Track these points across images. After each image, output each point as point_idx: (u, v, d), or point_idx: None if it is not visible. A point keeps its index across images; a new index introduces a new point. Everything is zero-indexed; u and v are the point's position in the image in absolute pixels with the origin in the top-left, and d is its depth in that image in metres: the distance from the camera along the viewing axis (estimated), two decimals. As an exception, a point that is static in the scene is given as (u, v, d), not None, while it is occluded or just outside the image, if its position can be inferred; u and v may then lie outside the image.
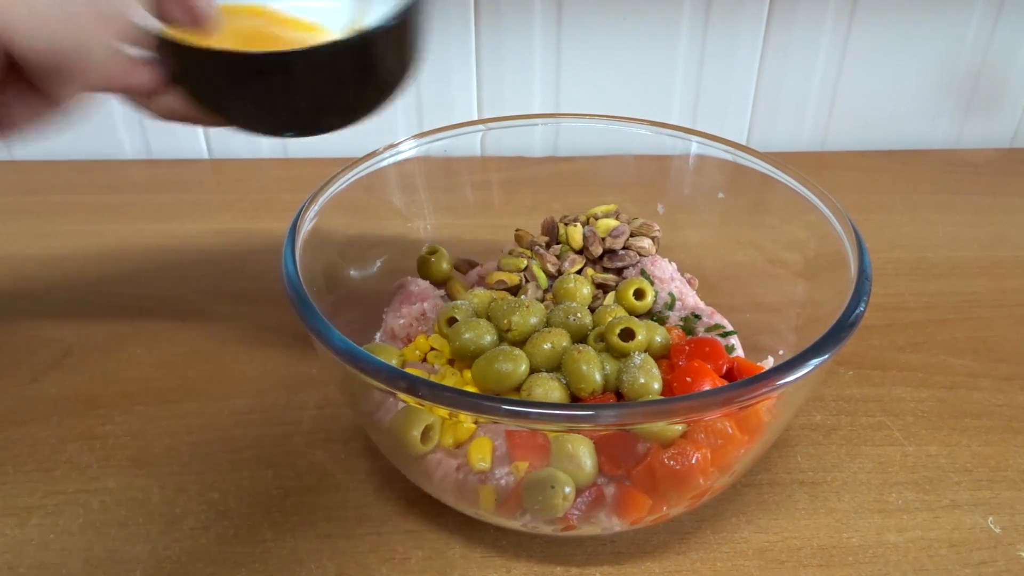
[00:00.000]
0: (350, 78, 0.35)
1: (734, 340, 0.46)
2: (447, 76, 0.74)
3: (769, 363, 0.45)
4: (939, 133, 0.82)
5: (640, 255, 0.49)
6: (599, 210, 0.52)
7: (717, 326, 0.46)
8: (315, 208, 0.44)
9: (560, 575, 0.39)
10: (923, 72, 0.78)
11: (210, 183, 0.75)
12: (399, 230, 0.53)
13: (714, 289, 0.51)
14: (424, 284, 0.48)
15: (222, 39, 0.34)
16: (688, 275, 0.51)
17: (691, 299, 0.48)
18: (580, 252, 0.50)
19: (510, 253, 0.51)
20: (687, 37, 0.74)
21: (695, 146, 0.51)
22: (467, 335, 0.41)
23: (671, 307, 0.47)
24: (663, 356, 0.42)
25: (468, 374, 0.40)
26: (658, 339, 0.42)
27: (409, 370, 0.40)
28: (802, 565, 0.40)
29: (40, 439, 0.46)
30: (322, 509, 0.42)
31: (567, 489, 0.35)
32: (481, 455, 0.37)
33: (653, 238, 0.50)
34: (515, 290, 0.48)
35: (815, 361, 0.33)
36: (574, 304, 0.43)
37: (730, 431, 0.36)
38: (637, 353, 0.39)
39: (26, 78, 0.31)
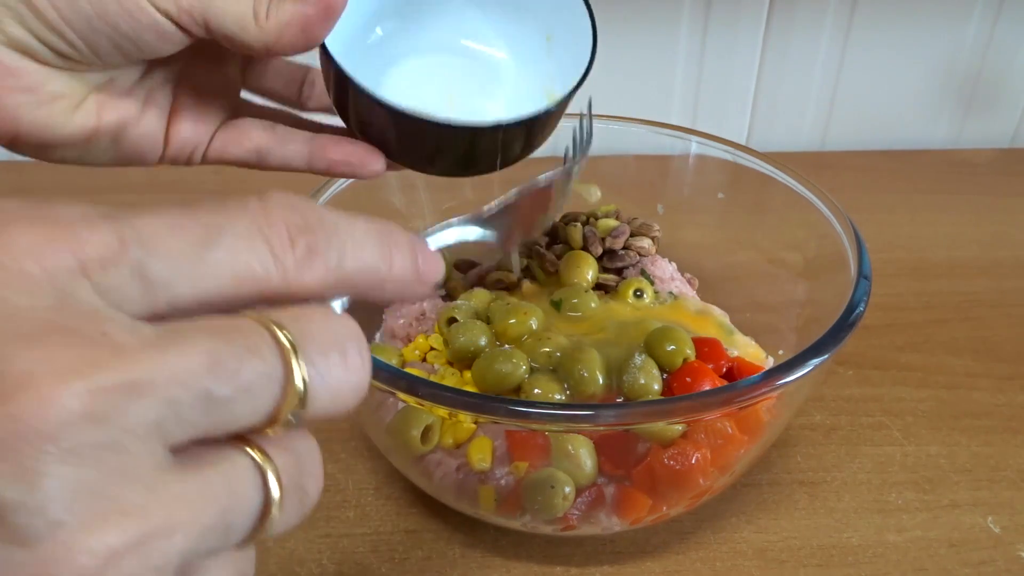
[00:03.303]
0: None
1: (734, 340, 0.46)
2: (447, 76, 0.74)
3: (769, 363, 0.45)
4: (939, 133, 0.82)
5: (640, 255, 0.49)
6: (599, 210, 0.52)
7: (717, 326, 0.46)
8: (315, 208, 0.44)
9: (560, 575, 0.39)
10: (923, 72, 0.78)
11: (210, 183, 0.75)
12: (399, 230, 0.53)
13: (714, 289, 0.51)
14: (424, 284, 0.48)
15: None
16: (688, 275, 0.51)
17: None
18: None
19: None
20: (687, 37, 0.74)
21: (695, 146, 0.51)
22: (462, 338, 0.41)
23: (671, 307, 0.47)
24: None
25: (468, 374, 0.40)
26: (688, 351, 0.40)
27: (409, 370, 0.40)
28: (802, 565, 0.40)
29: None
30: (322, 509, 0.42)
31: (567, 489, 0.35)
32: (481, 455, 0.37)
33: (653, 238, 0.50)
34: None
35: (815, 361, 0.33)
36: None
37: (730, 431, 0.36)
38: (638, 354, 0.39)
39: None
